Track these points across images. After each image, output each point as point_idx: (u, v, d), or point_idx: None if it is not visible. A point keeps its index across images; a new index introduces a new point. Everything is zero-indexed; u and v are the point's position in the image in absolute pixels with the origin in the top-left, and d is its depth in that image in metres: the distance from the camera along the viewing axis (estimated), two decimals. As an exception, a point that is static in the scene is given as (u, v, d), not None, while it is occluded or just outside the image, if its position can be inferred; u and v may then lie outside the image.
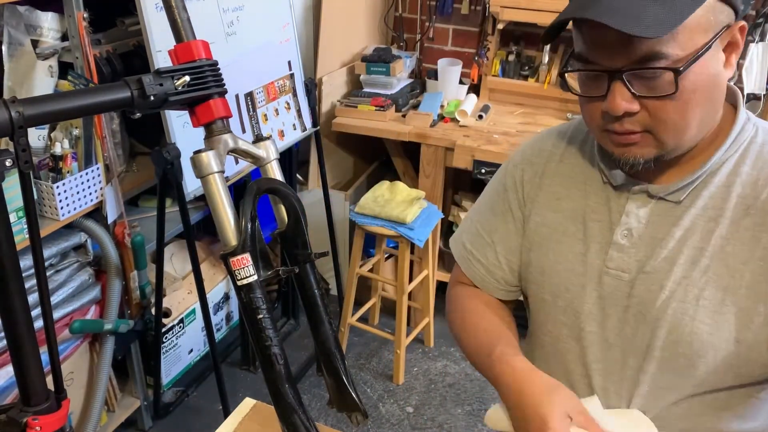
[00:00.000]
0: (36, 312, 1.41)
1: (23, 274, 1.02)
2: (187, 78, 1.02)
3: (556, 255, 1.07)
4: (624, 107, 0.88)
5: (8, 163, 0.93)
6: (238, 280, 0.99)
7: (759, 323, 0.91)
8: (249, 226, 0.99)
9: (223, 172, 1.04)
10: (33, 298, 1.74)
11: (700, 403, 0.99)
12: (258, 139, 1.13)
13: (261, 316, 1.01)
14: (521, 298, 1.23)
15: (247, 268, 0.99)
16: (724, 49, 0.89)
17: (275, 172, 1.13)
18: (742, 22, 0.89)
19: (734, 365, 0.94)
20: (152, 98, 1.00)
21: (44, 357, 1.05)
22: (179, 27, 1.06)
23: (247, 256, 0.99)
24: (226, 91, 1.08)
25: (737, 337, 0.92)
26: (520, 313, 1.24)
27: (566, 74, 0.94)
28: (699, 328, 0.93)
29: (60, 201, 1.94)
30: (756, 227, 0.92)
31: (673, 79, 0.84)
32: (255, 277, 1.00)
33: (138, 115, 1.02)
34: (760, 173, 0.93)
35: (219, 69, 1.07)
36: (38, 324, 1.09)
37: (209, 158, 1.02)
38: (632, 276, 0.99)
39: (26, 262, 1.72)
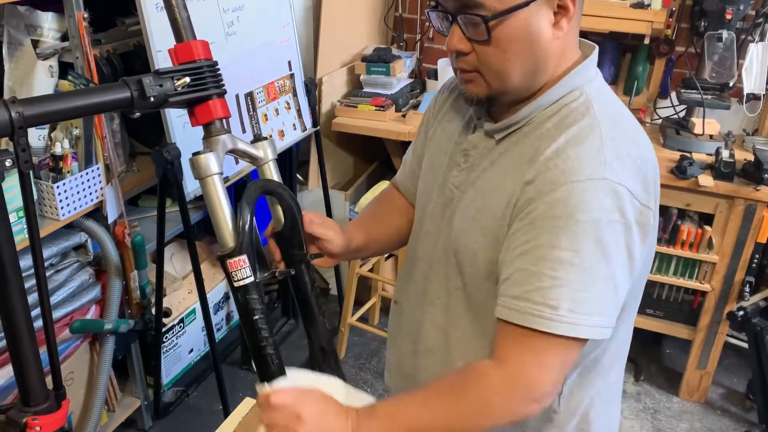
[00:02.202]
0: (36, 312, 1.42)
1: (23, 274, 1.02)
2: (187, 79, 1.02)
3: (430, 166, 1.23)
4: (455, 46, 1.01)
5: (8, 163, 0.94)
6: (235, 281, 0.99)
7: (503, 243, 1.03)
8: (246, 228, 1.00)
9: (221, 173, 1.04)
10: (33, 297, 1.74)
11: (475, 297, 1.12)
12: (256, 139, 1.13)
13: (257, 317, 1.01)
14: None
15: (243, 270, 0.99)
16: (556, 12, 0.98)
17: (273, 172, 1.13)
18: None
19: (490, 279, 1.06)
20: (152, 99, 1.00)
21: (44, 357, 1.05)
22: (179, 26, 1.07)
23: (244, 257, 0.99)
24: (225, 92, 1.08)
25: (491, 257, 1.04)
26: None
27: (431, 14, 1.05)
28: (468, 241, 1.08)
29: (60, 201, 1.94)
30: (522, 170, 1.01)
31: (485, 28, 0.96)
32: (251, 279, 1.00)
33: (137, 114, 1.02)
34: (551, 132, 1.01)
35: (218, 69, 1.08)
36: (38, 324, 1.10)
37: (207, 160, 1.02)
38: (459, 192, 1.12)
39: (26, 261, 1.72)
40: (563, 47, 1.02)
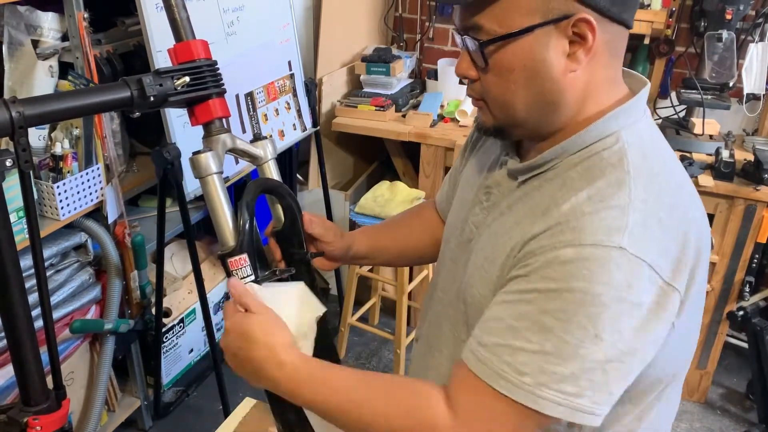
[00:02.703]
0: (36, 312, 1.42)
1: (24, 274, 1.02)
2: (186, 79, 1.02)
3: (459, 196, 1.16)
4: (461, 71, 0.94)
5: (8, 163, 0.94)
6: (236, 280, 0.99)
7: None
8: (247, 227, 1.00)
9: (221, 172, 1.04)
10: (33, 297, 1.74)
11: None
12: (256, 138, 1.13)
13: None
14: None
15: (244, 269, 0.99)
16: (572, 42, 0.86)
17: (272, 171, 1.13)
18: (586, 15, 0.84)
19: None
20: (152, 98, 1.00)
21: (44, 357, 1.05)
22: (179, 26, 1.07)
23: (244, 256, 0.99)
24: (224, 91, 1.08)
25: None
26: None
27: (455, 33, 0.97)
28: (473, 290, 0.99)
29: (60, 201, 1.94)
30: (533, 221, 0.90)
31: (481, 54, 0.89)
32: (252, 278, 1.00)
33: (137, 114, 1.02)
34: (575, 183, 0.89)
35: (218, 69, 1.08)
36: (38, 324, 1.10)
37: (207, 159, 1.03)
38: (477, 233, 1.04)
39: (26, 261, 1.72)
40: (589, 82, 0.90)
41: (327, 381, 0.92)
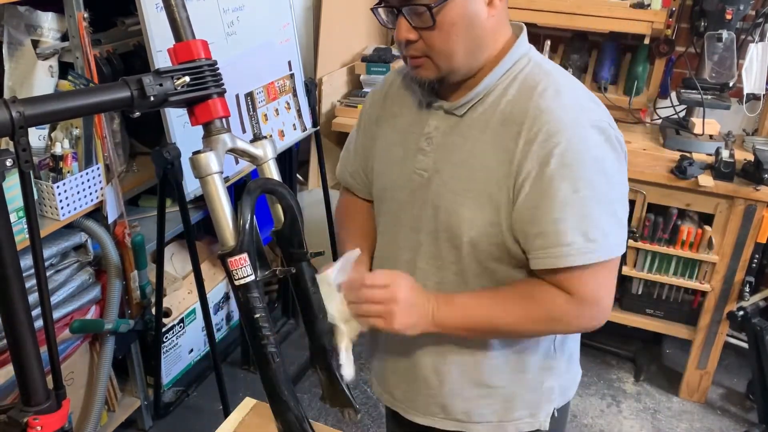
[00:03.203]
0: (36, 312, 1.42)
1: (24, 274, 1.02)
2: (186, 78, 1.02)
3: (386, 161, 1.31)
4: (404, 36, 1.11)
5: (8, 163, 0.94)
6: (236, 280, 1.00)
7: (506, 210, 1.13)
8: (247, 227, 1.00)
9: (221, 172, 1.04)
10: (33, 297, 1.74)
11: (468, 268, 1.22)
12: (256, 138, 1.13)
13: (258, 315, 1.01)
14: None
15: (244, 269, 0.99)
16: None
17: (272, 171, 1.13)
18: None
19: (488, 242, 1.17)
20: (152, 98, 1.00)
21: (44, 357, 1.05)
22: (178, 26, 1.07)
23: (244, 256, 0.99)
24: (224, 91, 1.08)
25: (491, 220, 1.14)
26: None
27: (377, 11, 1.15)
28: (462, 212, 1.16)
29: (60, 201, 1.94)
30: (505, 134, 1.12)
31: (430, 15, 1.06)
32: (252, 277, 1.00)
33: (137, 114, 1.02)
34: (519, 94, 1.13)
35: (218, 69, 1.08)
36: (38, 324, 1.10)
37: (208, 159, 1.03)
38: (429, 174, 1.20)
39: (26, 261, 1.72)
40: (498, 24, 1.14)
41: (466, 304, 1.18)
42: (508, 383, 1.29)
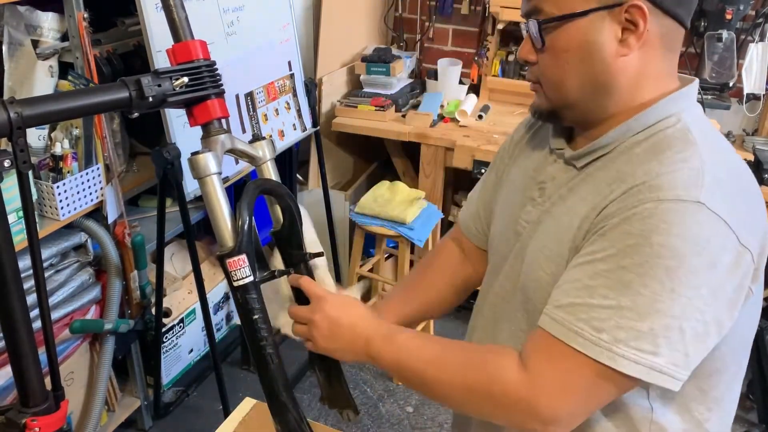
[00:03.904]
0: (35, 312, 1.42)
1: (23, 275, 1.02)
2: (185, 79, 1.02)
3: (502, 205, 1.17)
4: (523, 55, 1.00)
5: (7, 163, 0.94)
6: (234, 281, 0.99)
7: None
8: (246, 228, 1.00)
9: (220, 173, 1.04)
10: (32, 298, 1.74)
11: None
12: (255, 138, 1.13)
13: (256, 316, 1.01)
14: None
15: (243, 269, 0.99)
16: (623, 28, 0.92)
17: (271, 172, 1.13)
18: (639, 3, 0.90)
19: None
20: (150, 99, 1.00)
21: (42, 357, 1.05)
22: (177, 26, 1.07)
23: (243, 257, 0.99)
24: (223, 92, 1.08)
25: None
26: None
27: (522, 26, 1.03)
28: (537, 272, 1.00)
29: (60, 201, 1.94)
30: (604, 192, 0.94)
31: (539, 33, 0.95)
32: (251, 278, 1.00)
33: (136, 114, 1.02)
34: (643, 155, 0.92)
35: (217, 69, 1.08)
36: (37, 324, 1.10)
37: (206, 160, 1.02)
38: (530, 227, 1.05)
39: (26, 262, 1.73)
40: (642, 69, 0.94)
41: (404, 346, 1.00)
42: None
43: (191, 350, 2.66)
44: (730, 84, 2.69)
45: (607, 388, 0.88)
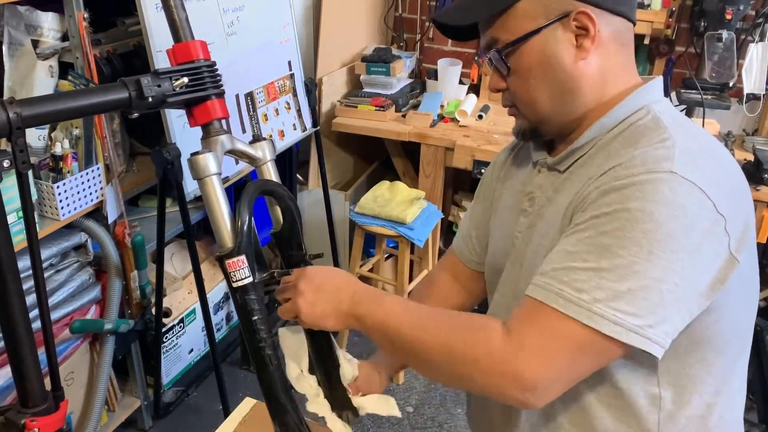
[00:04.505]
0: (34, 313, 1.42)
1: (23, 275, 1.02)
2: (185, 80, 1.02)
3: (496, 225, 1.20)
4: (493, 85, 1.07)
5: (6, 163, 0.94)
6: (234, 281, 0.99)
7: None
8: (245, 228, 0.99)
9: (220, 174, 1.04)
10: (31, 298, 1.74)
11: None
12: (255, 139, 1.13)
13: (255, 317, 1.01)
14: None
15: (242, 270, 0.99)
16: (576, 35, 0.97)
17: (271, 172, 1.13)
18: (584, 9, 0.96)
19: None
20: (150, 99, 1.00)
21: (42, 358, 1.05)
22: (177, 27, 1.07)
23: (242, 258, 0.99)
24: (223, 92, 1.08)
25: None
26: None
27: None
28: (535, 269, 1.00)
29: (60, 201, 1.94)
30: (578, 184, 0.98)
31: (502, 60, 1.01)
32: (250, 279, 1.00)
33: (135, 115, 1.02)
34: (620, 146, 0.96)
35: (217, 70, 1.08)
36: (36, 324, 1.10)
37: (206, 160, 1.02)
38: (523, 235, 1.09)
39: (26, 262, 1.72)
40: (603, 68, 1.00)
41: (390, 307, 1.00)
42: None
43: (191, 350, 2.66)
44: (730, 84, 2.69)
45: (588, 354, 0.89)
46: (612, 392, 0.99)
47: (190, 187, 2.14)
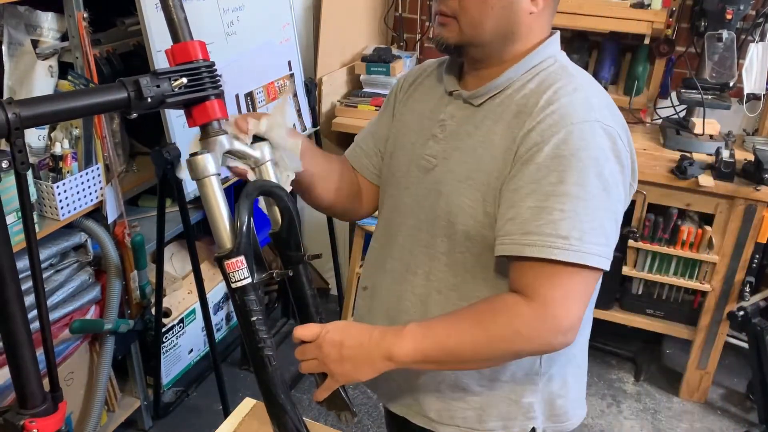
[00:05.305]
0: (33, 313, 1.41)
1: (22, 275, 1.02)
2: (184, 80, 1.02)
3: (398, 144, 1.30)
4: None
5: (5, 164, 0.93)
6: (233, 282, 0.99)
7: (496, 201, 1.11)
8: (244, 229, 0.99)
9: (218, 174, 1.04)
10: (30, 299, 1.74)
11: (460, 260, 1.19)
12: (254, 140, 1.13)
13: (254, 318, 1.01)
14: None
15: (241, 271, 0.99)
16: None
17: (270, 173, 1.13)
18: None
19: (483, 233, 1.13)
20: (149, 99, 1.00)
21: (41, 358, 1.05)
22: (176, 27, 1.07)
23: (241, 258, 0.99)
24: (222, 93, 1.08)
25: (486, 210, 1.12)
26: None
27: None
28: (461, 201, 1.15)
29: (60, 201, 1.94)
30: (515, 125, 1.10)
31: None
32: (249, 280, 1.00)
33: (134, 115, 1.02)
34: (537, 88, 1.11)
35: (216, 70, 1.07)
36: (35, 325, 1.09)
37: (205, 161, 1.02)
38: (437, 161, 1.20)
39: (25, 262, 1.72)
40: (535, 24, 1.14)
41: (415, 334, 1.06)
42: (482, 390, 1.23)
43: (191, 350, 2.66)
44: (731, 84, 2.68)
45: (590, 284, 1.06)
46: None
47: (190, 187, 2.14)
